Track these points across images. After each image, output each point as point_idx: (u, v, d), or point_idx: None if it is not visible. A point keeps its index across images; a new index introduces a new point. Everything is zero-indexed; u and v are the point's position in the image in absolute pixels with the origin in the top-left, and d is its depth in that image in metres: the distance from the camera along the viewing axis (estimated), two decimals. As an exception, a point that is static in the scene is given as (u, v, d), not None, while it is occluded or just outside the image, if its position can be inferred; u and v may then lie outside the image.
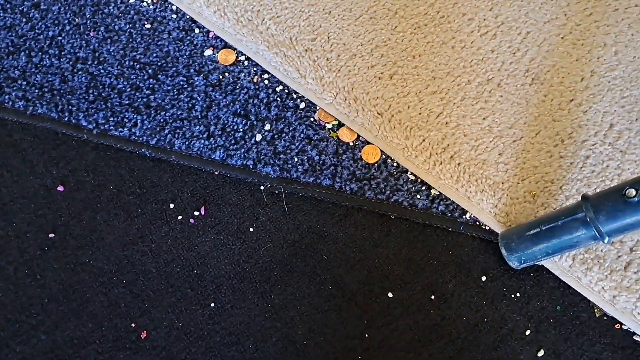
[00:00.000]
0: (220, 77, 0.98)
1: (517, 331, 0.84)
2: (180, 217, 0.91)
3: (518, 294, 0.85)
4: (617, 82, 0.92)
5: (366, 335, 0.85)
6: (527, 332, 0.83)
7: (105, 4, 1.04)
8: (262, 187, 0.93)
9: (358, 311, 0.86)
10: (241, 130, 0.94)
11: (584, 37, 0.95)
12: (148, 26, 1.02)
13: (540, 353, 0.82)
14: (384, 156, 0.92)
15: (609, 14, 0.96)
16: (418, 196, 0.89)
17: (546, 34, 0.95)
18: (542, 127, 0.90)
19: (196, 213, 0.91)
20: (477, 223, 0.88)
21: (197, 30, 1.02)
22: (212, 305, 0.87)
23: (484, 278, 0.86)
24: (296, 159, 0.92)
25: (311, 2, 0.99)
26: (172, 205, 0.92)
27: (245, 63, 0.99)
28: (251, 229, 0.90)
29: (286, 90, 0.97)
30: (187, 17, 1.02)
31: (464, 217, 0.88)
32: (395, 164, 0.91)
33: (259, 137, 0.94)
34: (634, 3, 0.96)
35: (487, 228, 0.87)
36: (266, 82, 0.98)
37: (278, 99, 0.97)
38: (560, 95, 0.91)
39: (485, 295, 0.85)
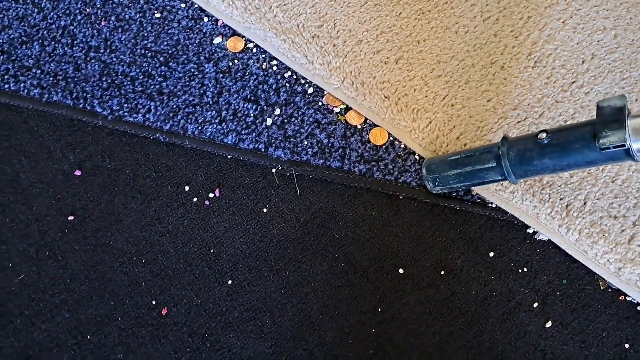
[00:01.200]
0: (230, 64, 1.00)
1: (524, 304, 0.86)
2: (195, 199, 0.94)
3: (525, 269, 0.88)
4: (616, 64, 0.94)
5: (379, 310, 0.88)
6: (535, 305, 0.86)
7: None
8: (273, 170, 0.95)
9: (370, 287, 0.89)
10: (252, 115, 0.97)
11: (584, 22, 0.97)
12: (158, 15, 1.04)
13: (548, 324, 0.85)
14: (391, 138, 0.95)
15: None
16: (426, 176, 0.92)
17: (547, 19, 0.98)
18: (546, 109, 0.92)
19: (211, 195, 0.94)
20: (484, 201, 0.90)
21: (205, 19, 1.04)
22: (230, 282, 0.90)
23: (491, 254, 0.89)
24: (306, 142, 0.95)
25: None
26: (187, 188, 0.94)
27: (254, 50, 1.01)
28: (264, 210, 0.93)
29: (294, 76, 0.99)
30: (196, 6, 1.05)
31: (470, 195, 0.91)
32: (402, 146, 0.94)
33: (269, 121, 0.96)
34: (631, -12, 0.99)
35: (493, 206, 0.90)
36: (275, 68, 1.00)
37: (287, 84, 0.99)
38: (562, 78, 0.94)
39: (494, 270, 0.88)
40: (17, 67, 1.02)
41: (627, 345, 0.84)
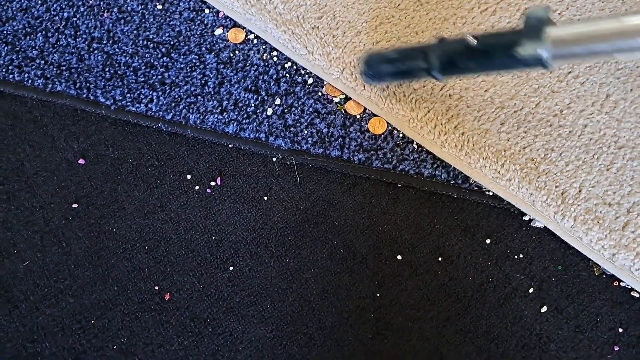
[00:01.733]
0: (231, 54, 1.02)
1: (520, 290, 0.88)
2: (197, 187, 0.95)
3: (521, 255, 0.89)
4: None
5: (377, 295, 0.89)
6: (531, 290, 0.88)
7: None
8: (274, 159, 0.97)
9: (369, 273, 0.90)
10: (253, 105, 0.98)
11: (580, 13, 0.98)
12: (160, 7, 1.06)
13: (543, 309, 0.87)
14: (390, 128, 0.96)
15: None
16: (423, 165, 0.93)
17: None
18: (542, 99, 0.94)
19: (212, 183, 0.96)
20: (481, 189, 0.92)
21: (207, 11, 1.05)
22: (231, 268, 0.92)
23: (488, 241, 0.90)
24: (306, 132, 0.96)
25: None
26: (189, 177, 0.96)
27: (255, 41, 1.03)
28: (265, 198, 0.94)
29: (294, 67, 1.01)
30: (198, -3, 1.06)
31: (467, 184, 0.92)
32: (401, 135, 0.95)
33: (269, 111, 0.98)
34: (627, -20, 1.01)
35: (490, 194, 0.92)
36: (275, 59, 1.01)
37: (287, 75, 1.00)
38: (558, 68, 0.95)
39: (490, 256, 0.90)
40: (21, 57, 1.03)
41: (620, 330, 0.85)
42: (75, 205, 0.95)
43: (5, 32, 1.05)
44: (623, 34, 0.61)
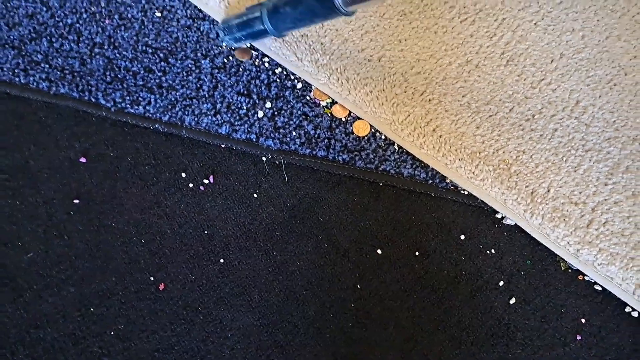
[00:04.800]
0: (225, 60, 1.06)
1: (491, 282, 0.94)
2: (191, 185, 1.01)
3: (493, 250, 0.95)
4: (583, 63, 1.01)
5: (358, 287, 0.95)
6: (501, 283, 0.93)
7: None
8: (264, 158, 1.02)
9: (350, 266, 0.96)
10: (244, 107, 1.03)
11: (555, 23, 1.03)
12: (158, 14, 1.10)
13: (512, 301, 0.93)
14: (373, 130, 1.01)
15: (577, 2, 1.04)
16: (404, 165, 0.98)
17: (520, 20, 1.04)
18: (516, 104, 0.99)
19: (205, 181, 1.01)
20: (456, 188, 0.97)
21: (203, 18, 1.10)
22: (222, 261, 0.97)
23: (462, 237, 0.96)
24: (294, 133, 1.01)
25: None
26: (183, 175, 1.01)
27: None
28: (255, 195, 1.00)
29: (284, 72, 1.05)
30: (194, 6, 1.11)
31: (444, 183, 0.98)
32: (383, 137, 1.00)
33: (260, 113, 1.03)
34: (599, -8, 1.05)
35: (465, 193, 0.97)
36: (266, 64, 1.06)
37: (277, 79, 1.05)
38: (532, 76, 1.00)
39: (464, 251, 0.95)
40: (27, 61, 1.07)
41: (583, 320, 0.91)
42: (76, 201, 1.00)
43: (12, 37, 1.09)
44: None
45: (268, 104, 1.04)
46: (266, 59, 1.06)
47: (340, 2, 0.77)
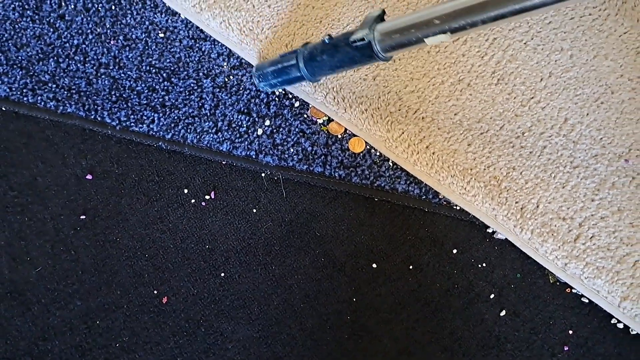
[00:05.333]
0: (226, 79, 1.09)
1: (482, 295, 0.96)
2: (193, 201, 1.04)
3: (484, 264, 0.98)
4: (571, 82, 1.03)
5: (354, 300, 0.98)
6: (492, 296, 0.96)
7: (123, 15, 1.14)
8: (263, 174, 1.04)
9: (347, 279, 0.99)
10: (245, 125, 1.06)
11: (544, 43, 1.05)
12: (162, 35, 1.13)
13: (502, 313, 0.95)
14: (368, 147, 1.04)
15: (566, 22, 1.06)
16: (398, 181, 1.01)
17: (510, 40, 1.06)
18: (506, 122, 1.01)
19: (207, 197, 1.04)
20: (449, 204, 1.00)
21: (205, 40, 1.13)
22: (222, 274, 1.00)
23: (454, 251, 0.99)
24: (292, 150, 1.04)
25: (305, 13, 1.09)
26: (186, 191, 1.04)
27: (248, 68, 1.11)
28: (254, 210, 1.03)
29: (283, 91, 1.08)
30: (196, 27, 1.14)
31: (437, 199, 1.01)
32: (378, 154, 1.03)
33: (260, 131, 1.06)
34: (587, 12, 1.07)
35: (457, 208, 1.00)
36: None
37: (276, 98, 1.07)
38: (521, 94, 1.02)
39: (456, 265, 0.98)
40: (34, 81, 1.10)
41: (570, 332, 0.94)
42: (83, 217, 1.03)
43: (20, 57, 1.13)
44: (427, 23, 0.73)
45: (267, 122, 1.06)
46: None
47: (379, 49, 0.80)
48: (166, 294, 1.00)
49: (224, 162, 1.05)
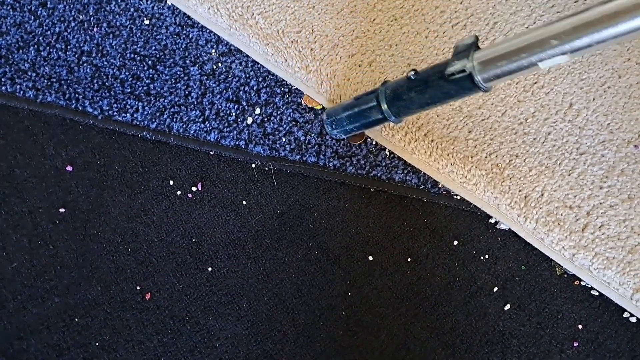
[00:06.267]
0: (214, 67, 1.06)
1: (485, 288, 0.92)
2: (179, 193, 1.00)
3: (487, 256, 0.93)
4: (576, 66, 1.00)
5: (349, 294, 0.93)
6: (495, 289, 0.92)
7: (107, 2, 1.12)
8: (253, 165, 1.01)
9: (341, 273, 0.94)
10: (234, 114, 1.03)
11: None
12: (147, 22, 1.10)
13: (507, 307, 0.91)
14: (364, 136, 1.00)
15: (570, 5, 1.04)
16: (395, 171, 0.97)
17: (512, 24, 1.03)
18: (508, 108, 0.98)
19: (193, 189, 1.00)
20: (449, 193, 0.96)
21: (192, 26, 1.10)
22: (210, 269, 0.96)
23: (455, 242, 0.94)
24: (284, 139, 1.01)
25: (297, -3, 1.07)
26: (171, 182, 1.00)
27: (237, 54, 1.07)
28: (244, 202, 0.99)
29: (275, 78, 1.05)
30: (183, 13, 1.10)
31: (436, 188, 0.96)
32: (374, 142, 1.00)
33: (249, 120, 1.02)
34: (591, -6, 1.05)
35: (458, 198, 0.96)
36: (256, 71, 1.06)
37: (267, 86, 1.04)
38: (524, 79, 0.99)
39: (457, 257, 0.94)
40: (14, 70, 1.07)
41: (580, 326, 0.89)
42: (62, 210, 0.99)
43: None
44: (541, 44, 0.66)
45: (257, 110, 1.03)
46: (256, 65, 1.05)
47: (480, 79, 0.72)
48: (150, 289, 0.96)
49: (211, 153, 1.02)
